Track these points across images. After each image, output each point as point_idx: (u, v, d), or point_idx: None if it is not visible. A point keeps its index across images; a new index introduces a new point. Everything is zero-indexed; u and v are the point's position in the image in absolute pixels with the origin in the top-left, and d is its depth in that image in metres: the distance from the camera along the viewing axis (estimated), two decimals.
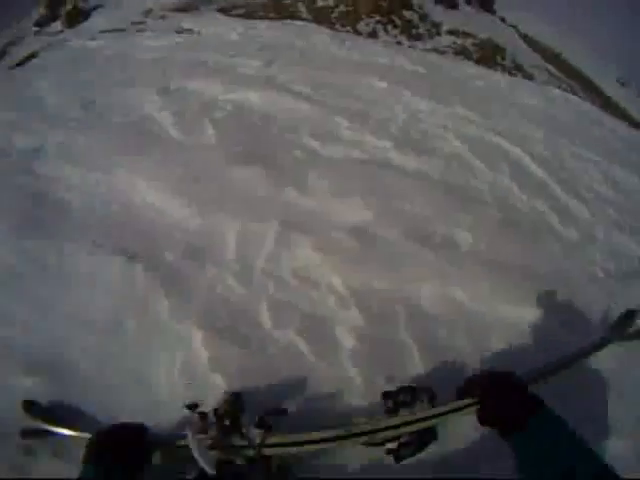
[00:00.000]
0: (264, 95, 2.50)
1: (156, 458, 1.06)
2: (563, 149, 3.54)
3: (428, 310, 1.51)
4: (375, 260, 1.59)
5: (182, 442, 1.03)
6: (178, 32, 4.45)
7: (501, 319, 1.57)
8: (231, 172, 1.80)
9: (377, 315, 1.46)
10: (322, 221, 1.66)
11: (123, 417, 1.03)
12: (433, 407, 1.15)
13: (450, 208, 1.95)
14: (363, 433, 1.12)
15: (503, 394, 1.02)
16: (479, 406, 1.05)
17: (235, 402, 1.17)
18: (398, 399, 1.18)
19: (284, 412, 1.18)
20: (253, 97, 2.46)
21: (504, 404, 1.00)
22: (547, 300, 1.71)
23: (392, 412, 1.18)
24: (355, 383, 1.31)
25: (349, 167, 1.99)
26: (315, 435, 1.11)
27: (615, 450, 1.47)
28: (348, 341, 1.38)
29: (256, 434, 1.09)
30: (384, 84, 3.26)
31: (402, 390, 1.19)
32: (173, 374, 1.25)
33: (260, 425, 1.12)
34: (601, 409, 1.52)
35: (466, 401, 1.09)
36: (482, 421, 1.03)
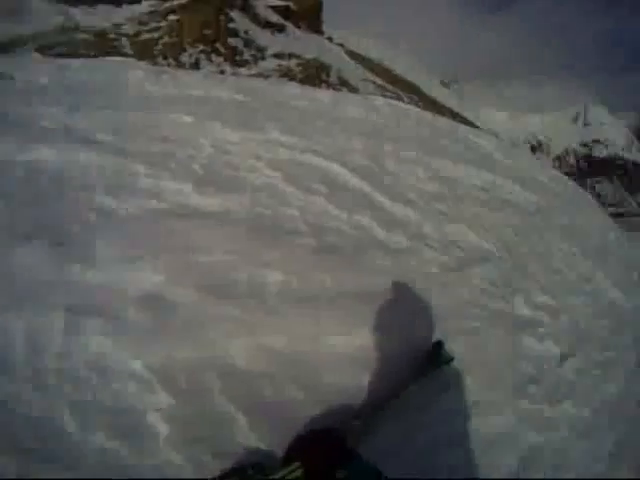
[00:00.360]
0: (60, 151, 2.25)
1: None
2: (386, 155, 3.76)
3: (244, 368, 1.44)
4: (174, 329, 1.47)
5: None
6: None
7: (330, 354, 1.57)
8: (14, 256, 1.55)
9: (187, 390, 1.34)
10: (110, 298, 1.50)
11: None
12: None
13: (256, 248, 1.88)
14: None
15: (318, 453, 1.06)
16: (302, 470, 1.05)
17: None
18: None
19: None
20: (48, 155, 2.20)
21: (318, 462, 1.03)
22: (380, 318, 1.76)
23: None
24: (183, 470, 1.20)
25: (143, 224, 1.84)
26: None
27: (497, 425, 1.75)
28: (162, 427, 1.25)
29: None
30: (191, 118, 3.17)
31: (231, 472, 1.15)
32: None
33: None
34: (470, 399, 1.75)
35: (291, 467, 1.08)
36: None
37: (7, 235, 1.63)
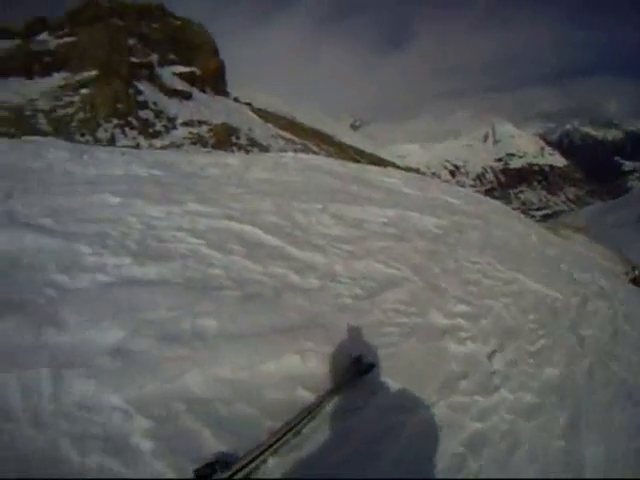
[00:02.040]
0: (8, 235, 2.48)
1: None
2: (293, 210, 4.15)
3: (201, 394, 1.75)
4: (140, 370, 1.76)
5: None
6: None
7: (267, 378, 1.90)
8: None
9: (159, 415, 1.64)
10: (85, 351, 1.78)
11: None
12: None
13: (191, 303, 2.22)
14: None
15: None
16: None
17: None
18: (203, 474, 1.42)
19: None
20: None
21: None
22: (305, 344, 2.11)
23: None
24: (167, 474, 1.46)
25: (96, 294, 2.14)
26: None
27: (431, 420, 1.97)
28: (146, 444, 1.53)
29: None
30: (117, 199, 3.48)
31: (203, 467, 1.43)
32: None
33: None
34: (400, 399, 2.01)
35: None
36: None
37: None
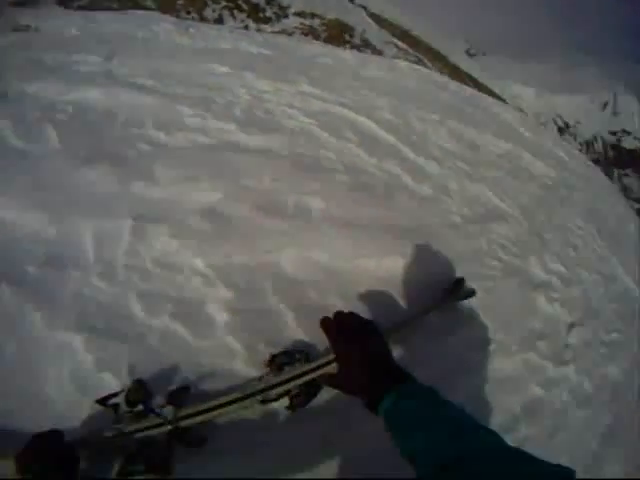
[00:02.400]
0: (105, 92, 2.38)
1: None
2: (410, 114, 3.82)
3: (293, 276, 1.62)
4: (231, 237, 1.65)
5: (104, 435, 1.09)
6: (15, 30, 4.00)
7: (365, 273, 1.73)
8: (78, 175, 1.72)
9: (244, 288, 1.53)
10: (174, 209, 1.68)
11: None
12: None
13: (299, 179, 2.06)
14: (258, 392, 1.25)
15: (360, 360, 1.00)
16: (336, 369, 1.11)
17: (140, 389, 1.22)
18: (279, 361, 1.32)
19: (187, 389, 1.27)
20: (94, 95, 2.34)
21: (360, 371, 0.98)
22: (408, 249, 1.91)
23: (276, 372, 1.32)
24: (237, 354, 1.39)
25: (195, 153, 2.01)
26: (218, 401, 1.21)
27: (506, 369, 1.82)
28: (221, 316, 1.44)
29: (169, 411, 1.18)
30: (226, 69, 3.28)
31: (281, 354, 1.33)
32: (63, 385, 1.22)
33: (170, 402, 1.20)
34: (484, 337, 1.84)
35: (330, 357, 1.21)
36: (339, 387, 1.09)
37: (68, 157, 1.79)
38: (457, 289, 1.84)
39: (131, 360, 1.30)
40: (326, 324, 1.17)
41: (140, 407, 1.20)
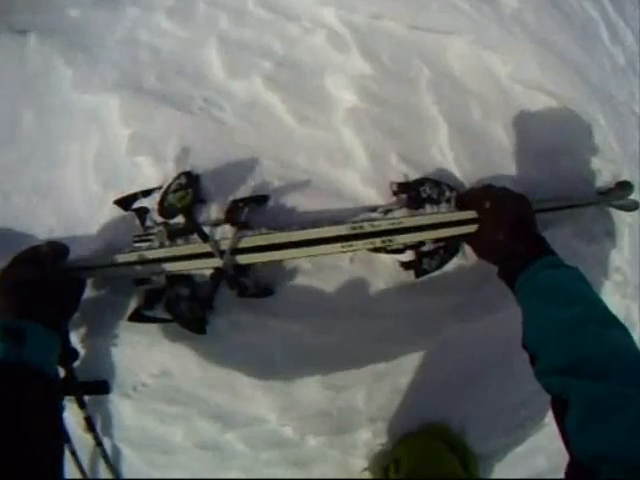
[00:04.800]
0: None
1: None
2: None
3: (457, 75, 0.99)
4: None
5: (118, 258, 0.75)
6: None
7: (543, 108, 1.06)
8: None
9: (389, 66, 0.94)
10: None
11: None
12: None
13: None
14: (376, 232, 0.77)
15: (506, 223, 0.79)
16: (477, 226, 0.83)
17: (189, 189, 0.77)
18: (421, 191, 0.85)
19: (264, 200, 0.82)
20: None
21: (504, 236, 0.78)
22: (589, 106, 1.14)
23: (412, 207, 0.83)
24: (355, 157, 0.88)
25: None
26: (307, 234, 0.75)
27: None
28: (345, 96, 0.90)
29: (224, 233, 0.77)
30: None
31: (424, 181, 0.86)
32: (87, 170, 0.86)
33: (229, 219, 0.77)
34: None
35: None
36: (477, 249, 0.85)
37: None
38: (617, 193, 1.17)
39: (188, 139, 0.85)
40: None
41: (179, 220, 0.77)
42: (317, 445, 0.90)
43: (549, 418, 1.05)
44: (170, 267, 0.73)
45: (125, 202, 0.79)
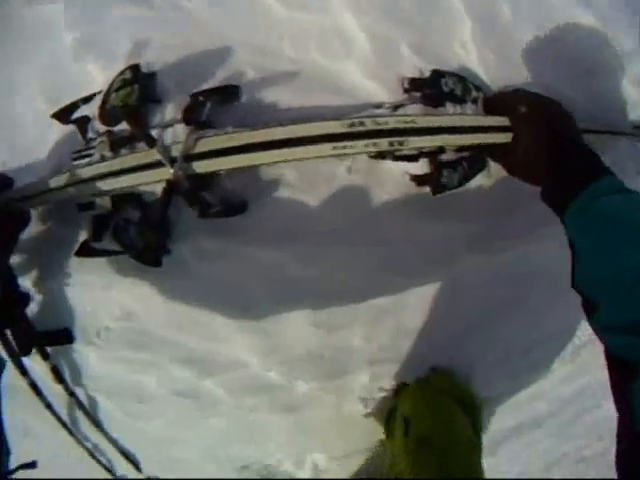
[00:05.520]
0: None
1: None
2: None
3: None
4: None
5: (52, 182, 0.62)
6: None
7: (581, 23, 0.85)
8: None
9: None
10: None
11: None
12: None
13: None
14: (383, 131, 0.61)
15: (550, 132, 0.64)
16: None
17: (134, 85, 0.63)
18: (443, 84, 0.70)
19: (234, 92, 0.67)
20: None
21: (552, 150, 0.64)
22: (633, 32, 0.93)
23: (430, 104, 0.69)
24: (355, 45, 0.71)
25: None
26: (286, 131, 0.59)
27: None
28: None
29: (178, 136, 0.62)
30: None
31: (448, 75, 0.70)
32: (36, 91, 0.73)
33: (186, 119, 0.63)
34: None
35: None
36: (510, 165, 0.70)
37: None
38: None
39: (140, 38, 0.69)
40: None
41: (125, 127, 0.63)
42: (308, 390, 0.84)
43: (557, 363, 1.01)
44: (112, 184, 0.59)
45: (64, 114, 0.66)
